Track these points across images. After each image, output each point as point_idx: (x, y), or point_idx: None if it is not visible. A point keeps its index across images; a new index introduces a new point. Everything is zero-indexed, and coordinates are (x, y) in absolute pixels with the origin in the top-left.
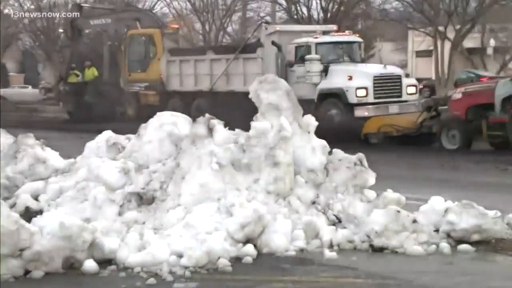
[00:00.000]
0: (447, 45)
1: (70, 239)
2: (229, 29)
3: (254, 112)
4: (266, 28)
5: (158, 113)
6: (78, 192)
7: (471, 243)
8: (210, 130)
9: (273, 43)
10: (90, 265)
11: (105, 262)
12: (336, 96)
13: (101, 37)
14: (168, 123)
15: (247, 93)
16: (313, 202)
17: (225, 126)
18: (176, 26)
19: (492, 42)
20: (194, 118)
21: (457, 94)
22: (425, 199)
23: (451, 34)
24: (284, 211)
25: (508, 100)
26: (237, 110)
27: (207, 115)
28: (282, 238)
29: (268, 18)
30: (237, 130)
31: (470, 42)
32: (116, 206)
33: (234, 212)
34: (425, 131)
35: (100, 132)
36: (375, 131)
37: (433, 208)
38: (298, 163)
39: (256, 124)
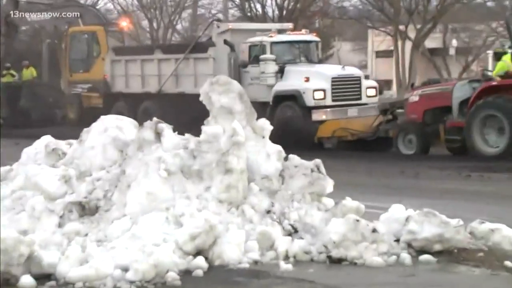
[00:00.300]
0: (408, 45)
1: (5, 252)
2: (179, 26)
3: (205, 115)
4: (218, 26)
5: (102, 117)
6: (14, 202)
7: (432, 253)
8: (158, 135)
9: (226, 42)
10: (27, 281)
11: (43, 277)
12: (292, 99)
13: (39, 34)
14: (112, 127)
15: (197, 96)
16: (268, 211)
17: (174, 131)
18: (123, 23)
19: (454, 43)
20: (140, 122)
21: (414, 97)
22: (385, 208)
23: (412, 34)
24: (237, 221)
25: (466, 103)
26: (187, 114)
27: (154, 118)
28: (235, 249)
29: (220, 16)
30: (187, 135)
31: (432, 42)
32: (56, 216)
33: (184, 222)
34: (382, 135)
35: (38, 137)
36: (329, 135)
37: (393, 217)
38: (252, 170)
39: (207, 129)
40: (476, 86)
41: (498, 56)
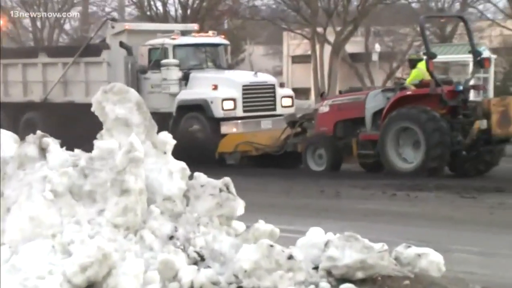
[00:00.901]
0: (327, 50)
1: None
2: (67, 26)
3: (99, 128)
4: (113, 26)
5: None
6: None
7: (355, 282)
8: (43, 151)
9: (122, 44)
10: None
11: None
12: (198, 109)
13: None
14: None
15: (89, 105)
16: (171, 237)
17: (62, 146)
18: None
19: (377, 47)
20: (22, 136)
21: (324, 107)
22: (303, 231)
23: (331, 37)
24: (136, 248)
25: (379, 114)
26: (77, 126)
27: (39, 132)
28: (133, 281)
29: (115, 14)
30: (77, 151)
31: (353, 46)
32: None
33: (73, 251)
34: (290, 150)
35: None
36: (231, 150)
37: (311, 242)
38: (152, 190)
39: (101, 144)
40: (390, 96)
41: (412, 63)
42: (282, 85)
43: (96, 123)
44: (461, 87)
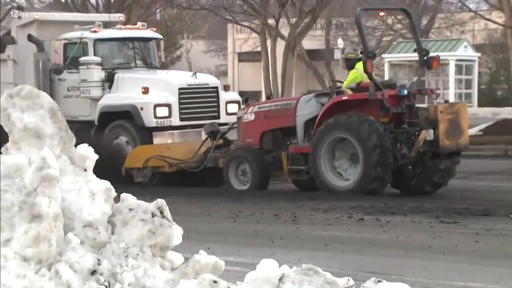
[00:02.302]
0: (281, 46)
1: None
2: None
3: (3, 140)
4: (20, 16)
5: None
6: None
7: None
8: None
9: (31, 38)
10: None
11: None
12: (125, 117)
13: None
14: None
15: None
16: (93, 272)
17: None
18: None
19: (340, 43)
20: None
21: (248, 115)
22: (253, 264)
23: (285, 31)
24: (50, 286)
25: (313, 123)
26: None
27: None
28: None
29: (22, 2)
30: None
31: (312, 42)
32: None
33: None
34: (211, 165)
35: None
36: (140, 165)
37: (263, 276)
38: (70, 215)
39: (6, 159)
40: (325, 102)
41: (349, 64)
42: (226, 87)
43: (0, 134)
44: (405, 92)
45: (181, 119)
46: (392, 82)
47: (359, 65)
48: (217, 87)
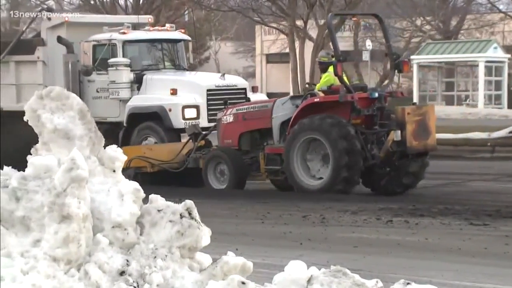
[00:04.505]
0: (309, 47)
1: None
2: None
3: (33, 141)
4: (49, 18)
5: None
6: None
7: None
8: None
9: (60, 39)
10: None
11: None
12: (154, 118)
13: None
14: None
15: (22, 113)
16: (122, 273)
17: None
18: None
19: (368, 44)
20: None
21: (227, 117)
22: (281, 265)
23: (313, 32)
24: (79, 287)
25: (288, 124)
26: (7, 139)
27: None
28: None
29: (52, 4)
30: (6, 169)
31: (340, 43)
32: None
33: None
34: (192, 165)
35: None
36: (124, 166)
37: (291, 278)
38: (99, 216)
39: (36, 160)
40: (299, 104)
41: (323, 67)
42: (255, 89)
43: (30, 135)
44: (376, 94)
45: (209, 121)
46: (363, 85)
47: (331, 69)
48: (245, 89)
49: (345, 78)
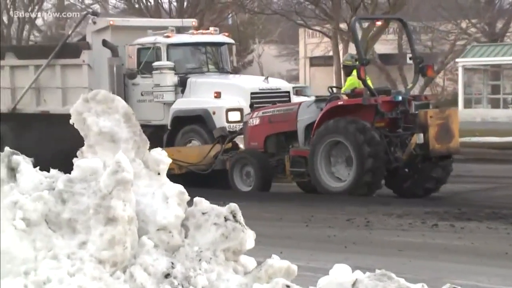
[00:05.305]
0: (353, 50)
1: None
2: (39, 21)
3: (79, 144)
4: (95, 22)
5: None
6: None
7: None
8: (13, 171)
9: (105, 43)
10: None
11: None
12: (198, 121)
13: None
14: None
15: (67, 117)
16: (167, 275)
17: (35, 165)
18: None
19: None
20: None
21: (254, 120)
22: (326, 268)
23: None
24: None
25: (312, 127)
26: (54, 142)
27: (7, 148)
28: None
29: (97, 8)
30: (53, 171)
31: (384, 46)
32: None
33: None
34: (219, 167)
35: None
36: None
37: (336, 281)
38: (144, 219)
39: (82, 162)
40: (323, 107)
41: (347, 71)
42: (298, 92)
43: (76, 138)
44: (400, 98)
45: None
46: (387, 88)
47: (356, 72)
48: (289, 92)
49: (369, 82)
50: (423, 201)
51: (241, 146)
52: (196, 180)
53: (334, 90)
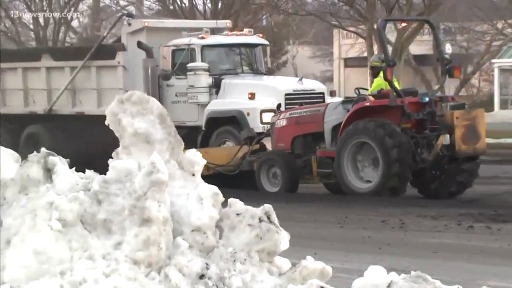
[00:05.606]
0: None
1: None
2: (75, 23)
3: (114, 145)
4: (130, 24)
5: None
6: None
7: None
8: (49, 172)
9: (140, 44)
10: None
11: None
12: (232, 122)
13: None
14: None
15: (102, 118)
16: (201, 276)
17: (71, 166)
18: None
19: (448, 48)
20: (23, 154)
21: (281, 121)
22: (360, 270)
23: (392, 36)
24: None
25: (339, 128)
26: (89, 143)
27: (43, 149)
28: None
29: (132, 9)
30: (88, 172)
31: (419, 47)
32: None
33: None
34: (246, 168)
35: None
36: None
37: (371, 283)
38: (179, 220)
39: (117, 163)
40: (350, 108)
41: (375, 72)
42: (333, 93)
43: (111, 138)
44: (427, 99)
45: None
46: (413, 90)
47: (382, 73)
48: (323, 93)
49: (395, 83)
50: (458, 202)
51: (269, 147)
52: (223, 181)
53: (361, 91)
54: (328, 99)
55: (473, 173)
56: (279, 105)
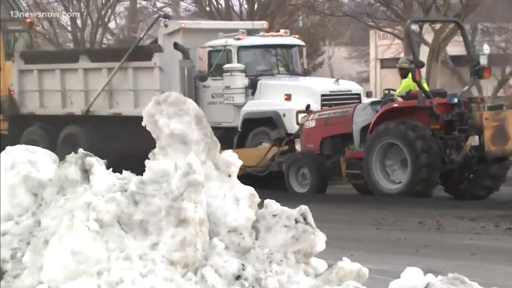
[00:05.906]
0: (424, 52)
1: None
2: (112, 24)
3: (151, 146)
4: (166, 25)
5: (7, 148)
6: None
7: None
8: (86, 173)
9: (177, 46)
10: None
11: None
12: (268, 123)
13: None
14: (22, 162)
15: (139, 119)
16: (238, 277)
17: (108, 167)
18: (29, 20)
19: (486, 48)
20: (61, 155)
21: (310, 122)
22: (397, 271)
23: (429, 37)
24: None
25: (368, 129)
26: (126, 143)
27: (81, 150)
28: None
29: (168, 11)
30: (125, 173)
31: (457, 48)
32: None
33: None
34: (275, 169)
35: None
36: None
37: (408, 285)
38: (215, 220)
39: (153, 164)
40: (379, 109)
41: (403, 73)
42: (369, 94)
43: (148, 139)
44: (455, 100)
45: None
46: (442, 91)
47: (411, 74)
48: (359, 94)
49: (424, 84)
50: (495, 204)
51: (298, 148)
52: (253, 182)
53: (390, 92)
54: (365, 100)
55: (501, 177)
56: (308, 106)
